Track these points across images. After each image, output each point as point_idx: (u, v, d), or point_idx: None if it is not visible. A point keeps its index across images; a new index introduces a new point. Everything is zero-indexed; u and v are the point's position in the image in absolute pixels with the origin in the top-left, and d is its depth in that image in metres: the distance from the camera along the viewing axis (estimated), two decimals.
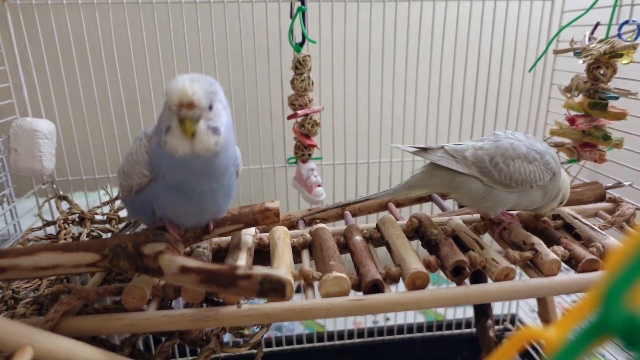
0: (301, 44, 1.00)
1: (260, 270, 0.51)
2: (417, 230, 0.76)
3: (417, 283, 0.61)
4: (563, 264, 0.66)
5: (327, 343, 1.42)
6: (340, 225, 0.80)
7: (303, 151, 1.07)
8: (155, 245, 0.57)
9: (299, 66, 1.00)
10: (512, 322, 1.48)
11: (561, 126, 0.98)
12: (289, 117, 1.04)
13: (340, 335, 1.43)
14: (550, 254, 0.65)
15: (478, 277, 0.88)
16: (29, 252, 0.56)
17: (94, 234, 0.91)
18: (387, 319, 1.51)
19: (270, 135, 1.16)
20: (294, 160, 1.10)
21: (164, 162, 0.55)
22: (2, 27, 0.99)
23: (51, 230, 0.96)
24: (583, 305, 0.22)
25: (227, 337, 1.38)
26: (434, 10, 1.12)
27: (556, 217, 0.80)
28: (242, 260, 0.65)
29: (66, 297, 0.58)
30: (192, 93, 0.50)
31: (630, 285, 0.18)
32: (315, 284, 0.62)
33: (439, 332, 1.46)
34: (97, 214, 0.96)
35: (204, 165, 0.54)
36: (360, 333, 1.44)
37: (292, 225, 0.95)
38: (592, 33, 0.92)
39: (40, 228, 0.94)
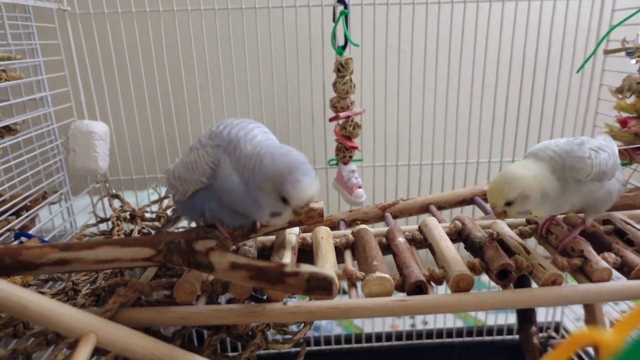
0: (343, 47, 1.02)
1: (307, 268, 0.53)
2: (460, 233, 0.75)
3: (461, 285, 0.61)
4: (614, 271, 0.64)
5: (365, 344, 1.43)
6: (379, 227, 0.81)
7: (344, 153, 1.08)
8: (206, 242, 0.59)
9: (341, 69, 1.01)
10: (557, 330, 1.44)
11: (611, 128, 0.95)
12: (331, 119, 1.06)
13: (378, 337, 1.43)
14: (600, 261, 0.62)
15: (522, 282, 0.86)
16: (91, 246, 0.60)
17: (144, 230, 0.95)
18: (426, 323, 1.50)
19: (312, 137, 1.18)
20: (335, 162, 1.11)
21: (229, 195, 0.58)
22: (62, 35, 1.06)
23: (103, 226, 1.01)
24: None
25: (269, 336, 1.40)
26: (478, 11, 1.11)
27: (607, 222, 0.77)
28: (287, 258, 0.66)
29: (123, 290, 0.61)
30: (314, 197, 0.56)
31: None
32: (359, 284, 0.63)
33: (479, 338, 1.43)
34: (146, 211, 1.01)
35: None
36: (398, 336, 1.43)
37: (333, 226, 0.96)
38: None
39: (94, 224, 0.99)
